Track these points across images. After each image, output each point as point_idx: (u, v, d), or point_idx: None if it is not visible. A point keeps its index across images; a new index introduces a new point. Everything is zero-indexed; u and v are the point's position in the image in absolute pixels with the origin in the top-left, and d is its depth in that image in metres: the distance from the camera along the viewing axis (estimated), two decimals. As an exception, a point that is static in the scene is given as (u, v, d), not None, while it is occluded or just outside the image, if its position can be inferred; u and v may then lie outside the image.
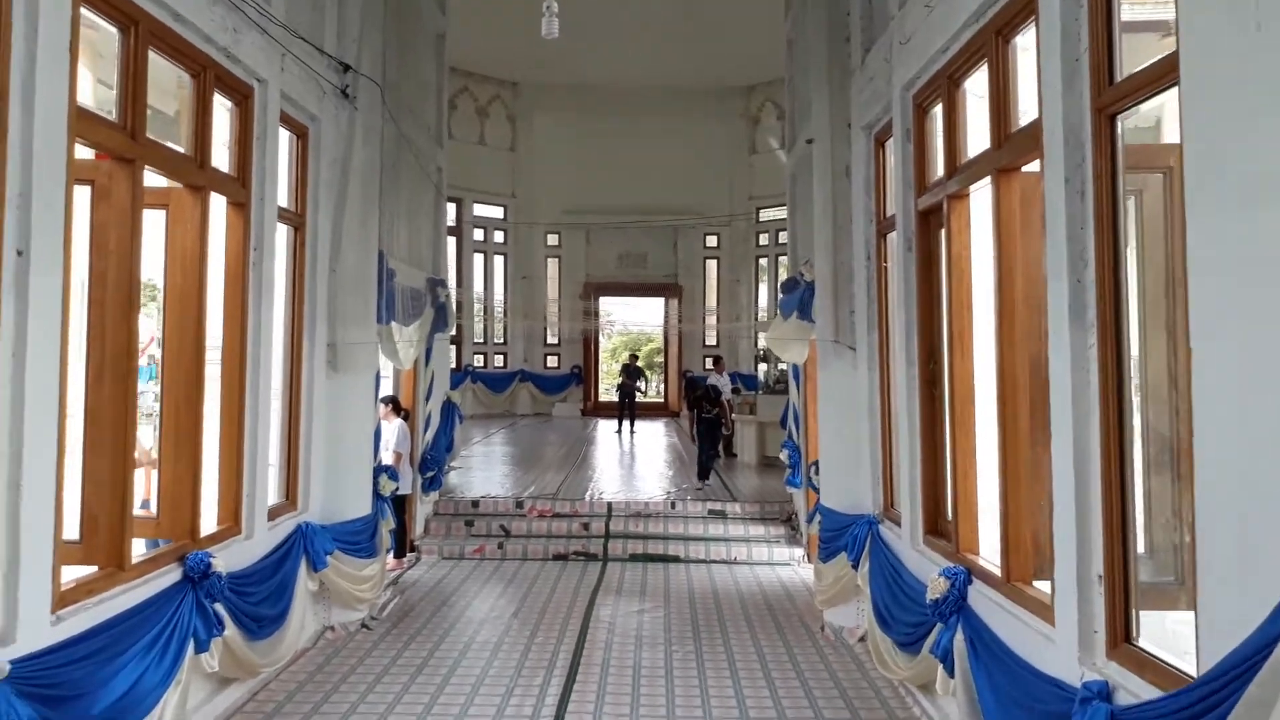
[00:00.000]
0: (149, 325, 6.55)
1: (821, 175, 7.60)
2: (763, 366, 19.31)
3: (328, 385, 7.46)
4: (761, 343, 23.64)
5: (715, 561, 10.09)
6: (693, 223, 23.94)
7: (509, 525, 10.60)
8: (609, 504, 10.99)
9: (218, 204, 6.01)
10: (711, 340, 24.19)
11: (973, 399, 5.38)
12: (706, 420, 12.95)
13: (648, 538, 10.45)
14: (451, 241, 22.81)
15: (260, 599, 5.90)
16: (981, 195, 5.49)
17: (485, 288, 23.64)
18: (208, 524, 5.77)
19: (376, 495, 8.15)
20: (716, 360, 16.18)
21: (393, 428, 9.58)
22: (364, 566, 7.54)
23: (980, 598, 4.86)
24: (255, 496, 6.16)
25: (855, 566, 6.89)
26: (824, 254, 7.58)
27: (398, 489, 8.55)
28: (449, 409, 12.90)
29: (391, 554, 9.06)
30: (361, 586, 7.47)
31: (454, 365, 23.11)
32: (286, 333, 7.07)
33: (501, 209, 23.93)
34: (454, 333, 22.22)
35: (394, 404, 9.70)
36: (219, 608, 5.23)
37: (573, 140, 23.17)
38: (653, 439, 19.18)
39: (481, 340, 23.73)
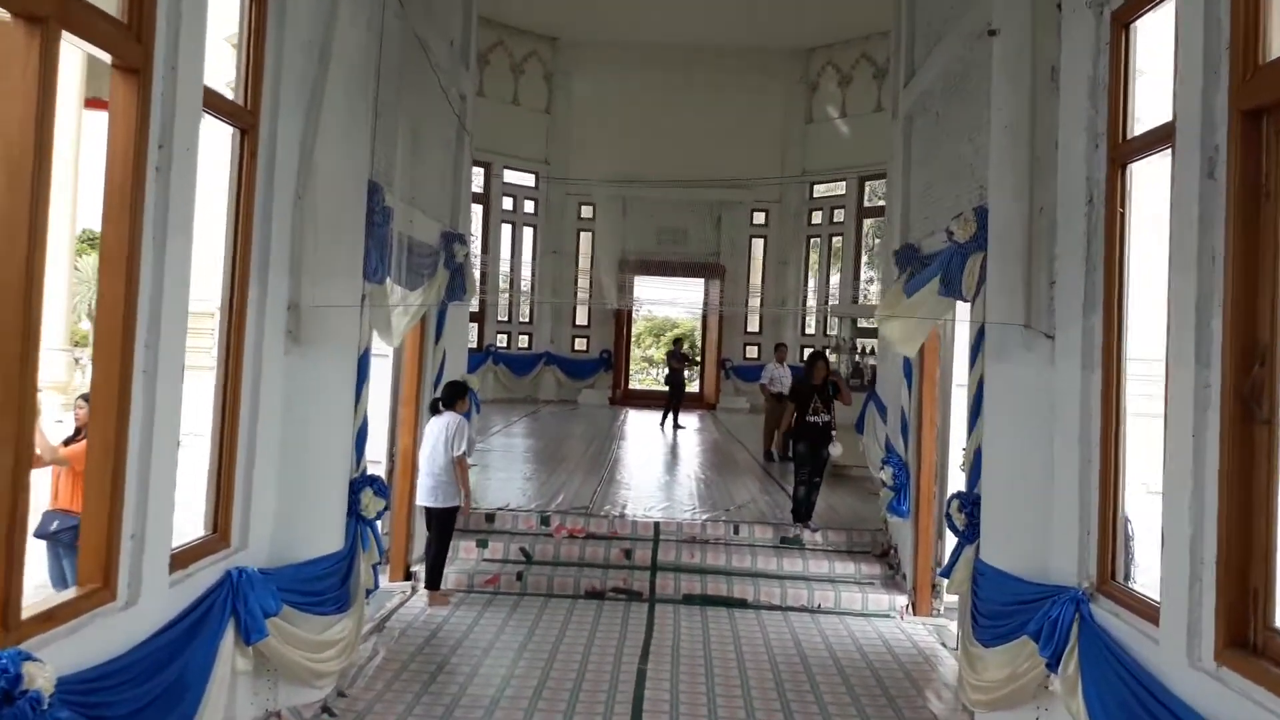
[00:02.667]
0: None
1: (1011, 81, 5.13)
2: (830, 356, 17.03)
3: (286, 365, 5.12)
4: (810, 329, 21.22)
5: (793, 609, 7.71)
6: (739, 199, 21.49)
7: (531, 548, 8.26)
8: (656, 524, 8.63)
9: (87, 63, 3.70)
10: (754, 327, 21.75)
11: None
12: (810, 430, 8.93)
13: (705, 572, 8.08)
14: (478, 210, 20.65)
15: (137, 708, 3.57)
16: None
17: (512, 261, 21.30)
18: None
19: (357, 517, 5.84)
20: (778, 347, 13.77)
21: (443, 423, 7.41)
22: (329, 626, 5.21)
23: None
24: (147, 537, 3.83)
25: (1054, 666, 4.50)
26: (1008, 197, 5.13)
27: (387, 507, 6.22)
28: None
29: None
30: (323, 655, 5.15)
31: (474, 345, 20.89)
32: (225, 286, 4.75)
33: (533, 176, 21.56)
34: (475, 303, 20.08)
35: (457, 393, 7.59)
36: (37, 750, 2.92)
37: (613, 104, 20.76)
38: (695, 436, 16.79)
39: (506, 319, 21.43)
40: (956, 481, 7.26)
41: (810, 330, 21.20)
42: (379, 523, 6.35)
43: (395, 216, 6.15)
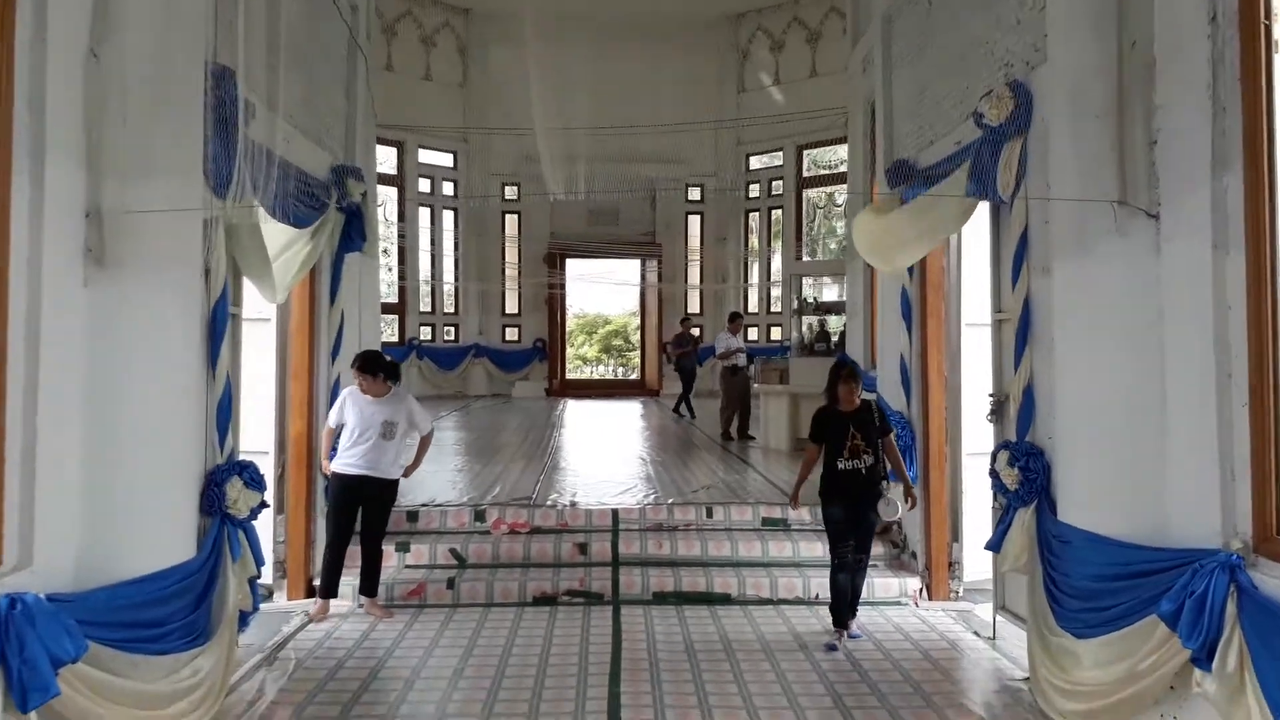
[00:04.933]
0: None
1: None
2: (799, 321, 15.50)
3: (89, 300, 3.52)
4: (754, 307, 19.92)
5: (787, 601, 6.31)
6: (673, 174, 20.15)
7: (464, 549, 6.71)
8: (614, 512, 7.14)
9: None
10: (695, 307, 20.39)
11: None
12: (847, 482, 5.49)
13: (678, 564, 6.63)
14: (391, 193, 18.95)
15: None
16: None
17: (433, 247, 19.60)
18: None
19: (222, 517, 4.28)
20: (733, 317, 12.35)
21: (391, 403, 5.88)
22: (177, 668, 3.63)
23: None
24: None
25: (1204, 661, 3.16)
26: (1080, 40, 3.82)
27: (264, 503, 4.64)
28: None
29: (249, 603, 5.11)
30: (171, 709, 3.56)
31: (396, 338, 19.16)
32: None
33: (451, 156, 19.89)
34: (393, 287, 18.40)
35: (376, 365, 5.95)
36: None
37: (534, 78, 19.15)
38: (640, 420, 15.39)
39: (429, 309, 19.71)
40: (976, 438, 6.00)
41: (754, 309, 19.94)
42: (262, 524, 4.82)
43: (258, 121, 4.58)
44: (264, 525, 6.05)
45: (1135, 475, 3.62)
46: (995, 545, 4.63)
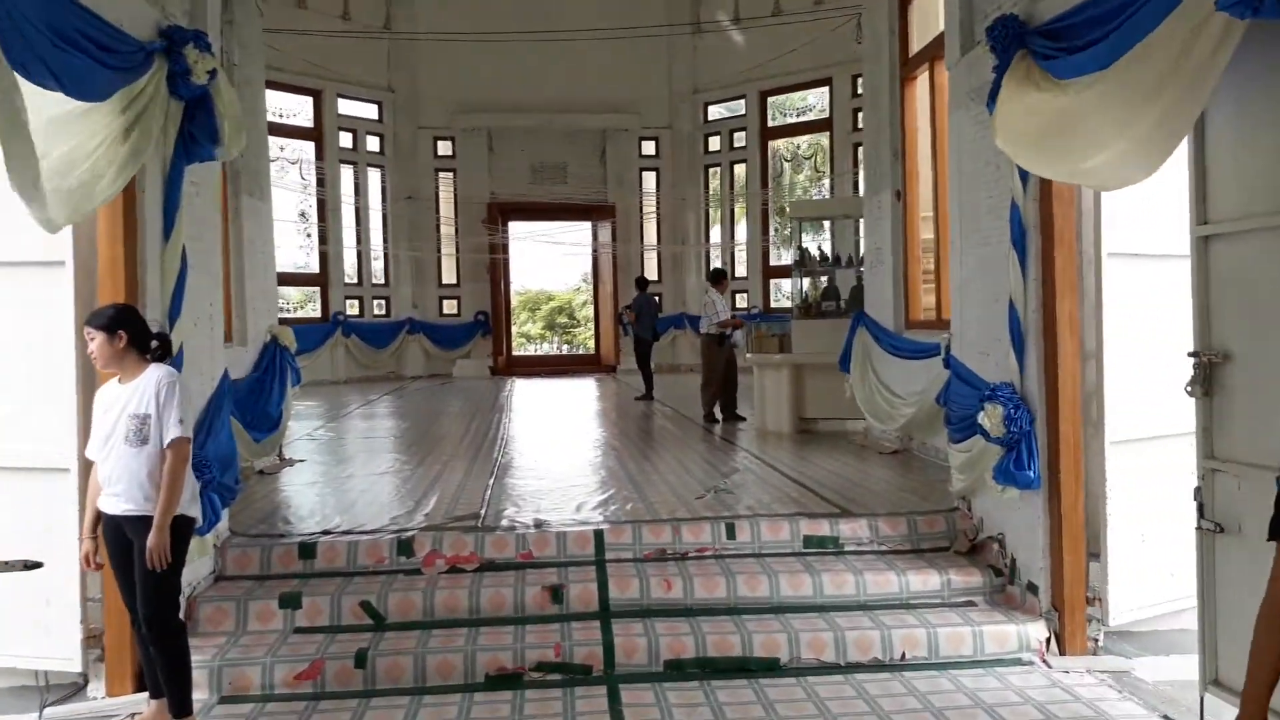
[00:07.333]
0: None
1: None
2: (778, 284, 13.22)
3: None
4: (715, 262, 17.78)
5: (862, 667, 4.25)
6: (625, 125, 17.98)
7: (382, 600, 4.52)
8: (597, 534, 5.03)
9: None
10: (652, 272, 18.24)
11: None
12: None
13: (695, 612, 4.54)
14: (309, 146, 16.49)
15: None
16: None
17: (357, 199, 17.16)
18: None
19: None
20: (718, 276, 10.04)
21: (140, 387, 3.54)
22: None
23: None
24: None
25: None
26: None
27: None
28: (273, 355, 6.83)
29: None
30: None
31: (319, 314, 16.77)
32: None
33: (375, 106, 17.44)
34: (303, 228, 15.76)
35: (119, 321, 3.56)
36: None
37: (466, 18, 16.70)
38: (597, 403, 13.32)
39: (355, 280, 17.30)
40: (1127, 418, 4.05)
41: (716, 264, 17.87)
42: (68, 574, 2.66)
43: None
44: (71, 577, 3.92)
45: None
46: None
